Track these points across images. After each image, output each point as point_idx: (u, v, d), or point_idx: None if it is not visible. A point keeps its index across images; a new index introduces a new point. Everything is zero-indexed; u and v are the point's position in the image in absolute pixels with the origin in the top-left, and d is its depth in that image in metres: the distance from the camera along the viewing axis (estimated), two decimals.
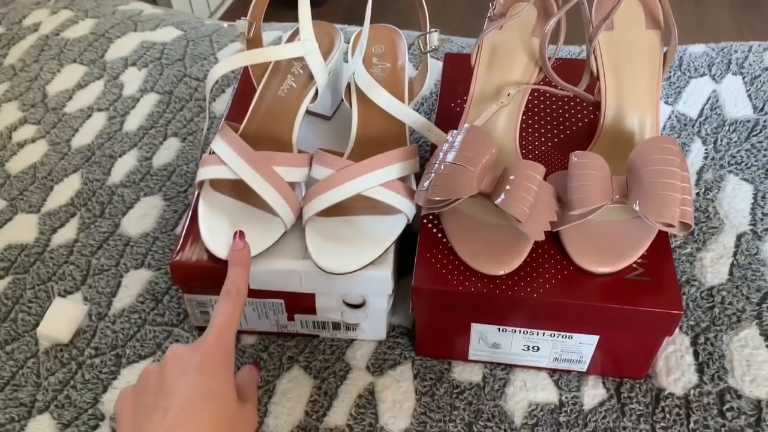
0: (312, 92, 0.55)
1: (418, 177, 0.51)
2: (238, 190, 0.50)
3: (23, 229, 0.64)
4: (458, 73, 0.62)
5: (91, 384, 0.53)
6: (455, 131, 0.49)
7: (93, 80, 0.79)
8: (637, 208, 0.44)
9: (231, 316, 0.42)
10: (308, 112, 0.59)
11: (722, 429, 0.48)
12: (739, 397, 0.49)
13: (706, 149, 0.65)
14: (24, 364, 0.54)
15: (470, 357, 0.52)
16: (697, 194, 0.62)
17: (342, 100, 0.58)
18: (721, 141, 0.66)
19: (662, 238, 0.48)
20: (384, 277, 0.48)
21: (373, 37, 0.60)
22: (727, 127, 0.67)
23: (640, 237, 0.47)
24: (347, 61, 0.59)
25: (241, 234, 0.47)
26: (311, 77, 0.54)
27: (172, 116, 0.74)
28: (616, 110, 0.52)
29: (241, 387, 0.42)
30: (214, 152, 0.51)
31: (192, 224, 0.51)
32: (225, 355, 0.40)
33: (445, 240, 0.49)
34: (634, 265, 0.46)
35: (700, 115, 0.68)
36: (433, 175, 0.47)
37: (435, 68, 0.76)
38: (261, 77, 0.57)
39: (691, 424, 0.48)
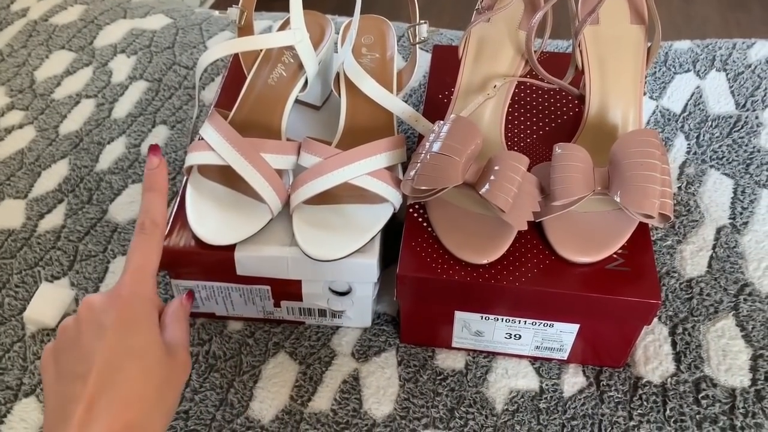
0: (302, 81, 0.55)
1: (405, 166, 0.51)
2: (226, 176, 0.51)
3: (10, 214, 0.64)
4: (446, 64, 0.62)
5: None
6: (442, 122, 0.50)
7: (81, 67, 0.79)
8: (618, 200, 0.45)
9: (147, 257, 0.38)
10: (298, 101, 0.59)
11: (697, 416, 0.49)
12: (715, 385, 0.50)
13: (689, 144, 0.66)
14: (10, 348, 0.55)
15: (453, 345, 0.53)
16: (679, 188, 0.63)
17: (332, 90, 0.58)
18: (704, 136, 0.67)
19: (642, 230, 0.49)
20: (370, 265, 0.49)
21: (363, 28, 0.60)
22: (709, 123, 0.68)
23: (621, 228, 0.48)
24: (337, 52, 0.60)
25: (155, 149, 0.40)
26: (301, 66, 0.55)
27: (161, 104, 0.74)
28: (600, 104, 0.53)
29: (170, 329, 0.39)
30: (202, 138, 0.51)
31: (180, 210, 0.51)
32: (144, 307, 0.36)
33: (430, 229, 0.50)
34: (615, 256, 0.47)
35: (683, 111, 0.69)
36: (418, 164, 0.48)
37: (424, 60, 0.77)
38: (251, 65, 0.57)
39: (668, 412, 0.49)
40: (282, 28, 0.63)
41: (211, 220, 0.49)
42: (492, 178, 0.46)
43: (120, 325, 0.35)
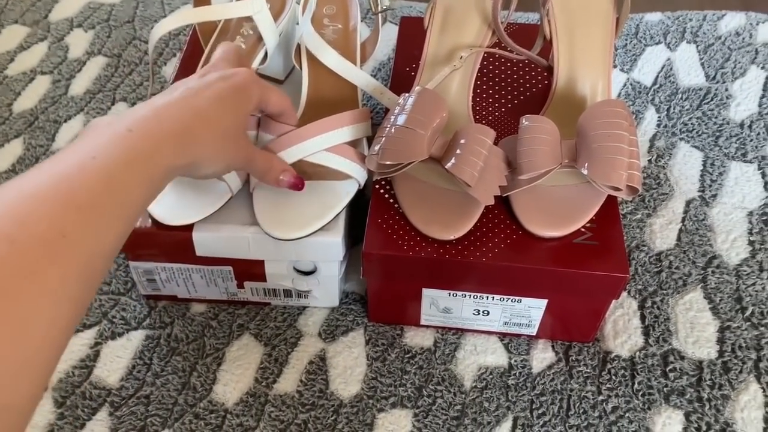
0: (261, 54, 0.53)
1: (371, 141, 0.50)
2: None
3: None
4: (414, 36, 0.60)
5: None
6: (407, 94, 0.48)
7: (36, 42, 0.76)
8: (585, 172, 0.44)
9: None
10: (260, 75, 0.57)
11: (665, 389, 0.49)
12: (682, 358, 0.50)
13: (659, 117, 0.66)
14: None
15: (422, 322, 0.52)
16: (649, 161, 0.62)
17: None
18: (674, 109, 0.66)
19: (611, 203, 0.48)
20: (334, 243, 0.48)
21: None
22: (680, 95, 0.67)
23: (589, 202, 0.47)
24: (299, 23, 0.57)
25: None
26: (261, 38, 0.53)
27: (120, 80, 0.71)
28: (568, 75, 0.52)
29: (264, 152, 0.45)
30: None
31: None
32: (255, 82, 0.42)
33: (396, 205, 0.48)
34: (583, 230, 0.47)
35: (654, 83, 0.69)
36: (383, 139, 0.46)
37: (393, 32, 0.75)
38: (209, 38, 0.55)
39: (636, 385, 0.49)
40: None
41: (168, 199, 0.47)
42: (458, 152, 0.44)
43: (235, 80, 0.40)
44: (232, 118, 0.40)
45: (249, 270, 0.50)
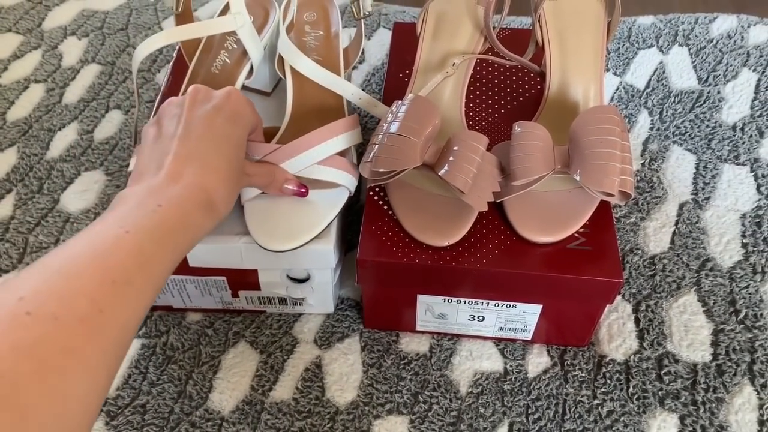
0: (247, 68, 0.53)
1: (362, 146, 0.50)
2: None
3: None
4: (407, 42, 0.61)
5: None
6: (399, 102, 0.48)
7: (30, 50, 0.76)
8: (578, 178, 0.44)
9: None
10: (248, 88, 0.57)
11: (659, 392, 0.49)
12: (677, 361, 0.50)
13: (652, 120, 0.66)
14: None
15: (417, 328, 0.52)
16: (642, 164, 0.63)
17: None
18: (667, 112, 0.67)
19: (604, 208, 0.48)
20: (326, 252, 0.48)
21: (305, 4, 0.58)
22: (672, 98, 0.68)
23: (582, 207, 0.48)
24: None
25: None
26: (246, 52, 0.52)
27: (114, 88, 0.71)
28: (560, 80, 0.52)
29: (263, 164, 0.45)
30: None
31: None
32: (248, 110, 0.42)
33: (390, 212, 0.48)
34: (576, 235, 0.47)
35: (647, 86, 0.69)
36: (376, 146, 0.46)
37: (386, 38, 0.75)
38: (193, 54, 0.55)
39: (630, 389, 0.49)
40: (223, 12, 0.60)
41: None
42: (451, 158, 0.44)
43: (227, 113, 0.40)
44: (236, 153, 0.40)
45: (243, 279, 0.50)
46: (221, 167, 0.38)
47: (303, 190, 0.46)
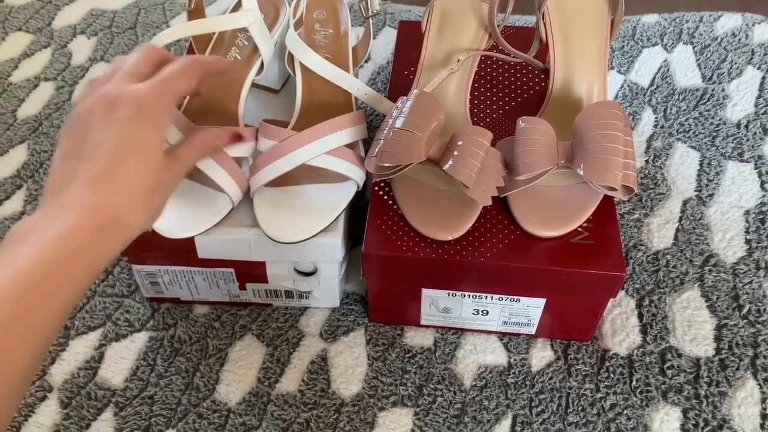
0: (258, 64, 0.53)
1: (367, 143, 0.51)
2: None
3: None
4: (412, 40, 0.61)
5: None
6: (404, 97, 0.49)
7: (39, 49, 0.77)
8: (581, 173, 0.44)
9: (180, 73, 0.39)
10: (256, 85, 0.58)
11: (662, 386, 0.49)
12: (680, 355, 0.51)
13: (657, 117, 0.66)
14: None
15: (422, 322, 0.53)
16: (646, 161, 0.63)
17: (290, 72, 0.57)
18: (671, 109, 0.67)
19: (607, 203, 0.49)
20: (334, 244, 0.48)
21: (315, 3, 0.59)
22: (676, 96, 0.68)
23: (586, 201, 0.48)
24: None
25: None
26: (256, 49, 0.53)
27: None
28: (564, 77, 0.52)
29: (184, 144, 0.42)
30: None
31: None
32: (159, 111, 0.38)
33: (395, 207, 0.49)
34: (580, 229, 0.47)
35: (651, 84, 0.69)
36: (381, 141, 0.47)
37: (392, 37, 0.76)
38: (204, 50, 0.56)
39: (634, 383, 0.49)
40: (235, 9, 0.61)
41: (170, 212, 0.47)
42: (455, 153, 0.45)
43: (132, 121, 0.37)
44: (150, 161, 0.37)
45: (250, 272, 0.51)
46: (130, 182, 0.36)
47: (237, 134, 0.46)
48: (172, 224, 0.47)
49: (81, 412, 0.49)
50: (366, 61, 0.74)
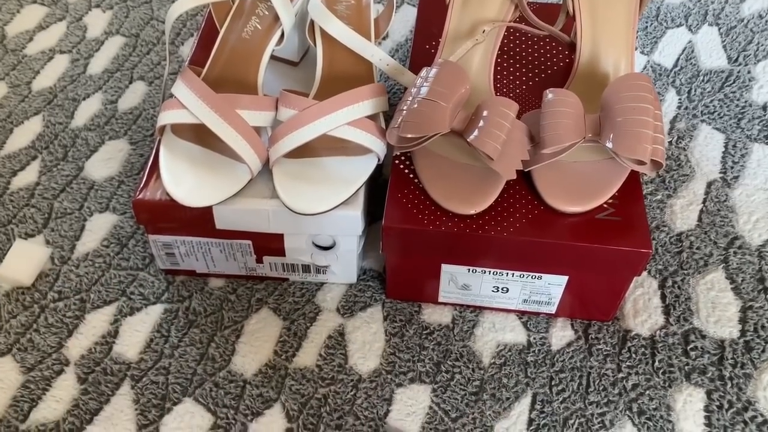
0: (278, 34, 0.52)
1: (388, 117, 0.50)
2: (201, 135, 0.49)
3: None
4: (433, 15, 0.60)
5: (54, 328, 0.52)
6: (428, 67, 0.48)
7: (55, 21, 0.76)
8: (610, 145, 0.43)
9: None
10: (275, 57, 0.57)
11: (686, 367, 0.48)
12: (704, 337, 0.50)
13: (680, 99, 0.65)
14: None
15: (440, 299, 0.52)
16: (670, 143, 0.62)
17: (309, 45, 0.56)
18: (695, 91, 0.66)
19: (633, 179, 0.48)
20: (354, 217, 0.47)
21: None
22: (701, 78, 0.67)
23: (612, 177, 0.47)
24: None
25: None
26: (277, 18, 0.52)
27: (138, 60, 0.72)
28: (591, 51, 0.51)
29: None
30: (174, 96, 0.48)
31: (156, 162, 0.49)
32: None
33: (416, 180, 0.48)
34: (605, 205, 0.46)
35: (675, 65, 0.68)
36: (405, 111, 0.46)
37: (410, 15, 0.75)
38: (224, 19, 0.55)
39: (656, 363, 0.49)
40: None
41: (187, 181, 0.47)
42: (481, 124, 0.44)
43: None
44: None
45: (268, 244, 0.50)
46: None
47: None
48: (189, 193, 0.46)
49: (99, 387, 0.48)
50: (384, 38, 0.73)
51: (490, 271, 0.49)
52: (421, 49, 0.58)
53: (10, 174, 0.62)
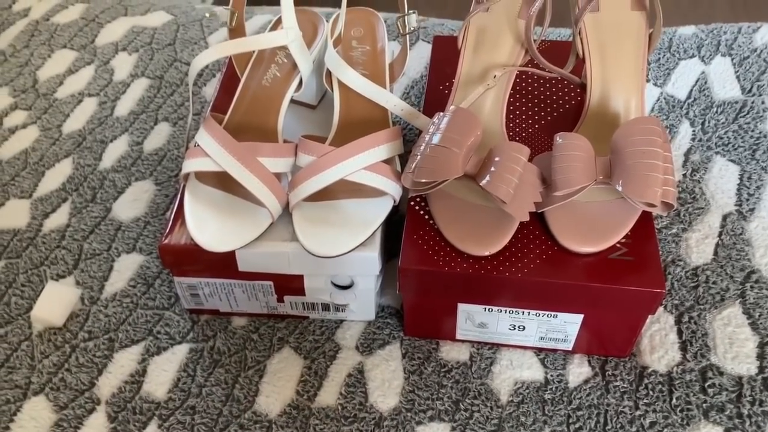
0: (296, 81, 0.55)
1: (404, 158, 0.51)
2: (224, 181, 0.50)
3: (15, 214, 0.65)
4: (447, 55, 0.62)
5: (85, 367, 0.53)
6: (441, 113, 0.49)
7: (83, 65, 0.79)
8: (620, 189, 0.44)
9: None
10: (293, 101, 0.59)
11: (704, 405, 0.49)
12: (721, 373, 0.50)
13: (694, 131, 0.66)
14: (18, 347, 0.55)
15: (458, 337, 0.53)
16: (684, 175, 0.62)
17: (326, 88, 0.58)
18: (709, 122, 0.66)
19: (646, 219, 0.48)
20: (371, 258, 0.49)
21: (352, 20, 0.60)
22: (715, 109, 0.67)
23: (624, 217, 0.48)
24: None
25: None
26: (295, 66, 0.54)
27: (162, 101, 0.74)
28: (601, 92, 0.52)
29: None
30: (198, 144, 0.51)
31: (181, 208, 0.51)
32: None
33: (431, 222, 0.49)
34: (618, 245, 0.47)
35: (688, 97, 0.69)
36: (418, 157, 0.47)
37: (425, 51, 0.76)
38: (245, 67, 0.57)
39: (674, 401, 0.49)
40: (274, 27, 0.63)
41: (211, 226, 0.48)
42: (493, 169, 0.45)
43: None
44: None
45: (289, 284, 0.52)
46: None
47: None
48: (213, 238, 0.48)
49: (128, 426, 0.50)
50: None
51: (506, 310, 0.50)
52: (435, 90, 0.60)
53: (42, 216, 0.64)
